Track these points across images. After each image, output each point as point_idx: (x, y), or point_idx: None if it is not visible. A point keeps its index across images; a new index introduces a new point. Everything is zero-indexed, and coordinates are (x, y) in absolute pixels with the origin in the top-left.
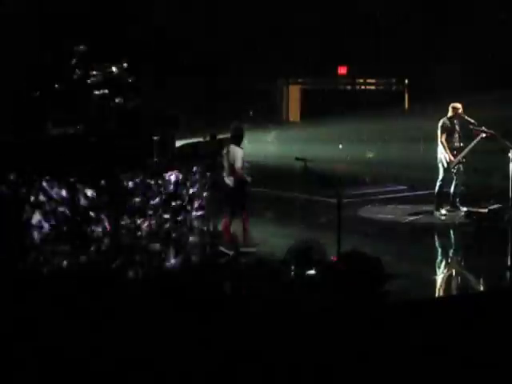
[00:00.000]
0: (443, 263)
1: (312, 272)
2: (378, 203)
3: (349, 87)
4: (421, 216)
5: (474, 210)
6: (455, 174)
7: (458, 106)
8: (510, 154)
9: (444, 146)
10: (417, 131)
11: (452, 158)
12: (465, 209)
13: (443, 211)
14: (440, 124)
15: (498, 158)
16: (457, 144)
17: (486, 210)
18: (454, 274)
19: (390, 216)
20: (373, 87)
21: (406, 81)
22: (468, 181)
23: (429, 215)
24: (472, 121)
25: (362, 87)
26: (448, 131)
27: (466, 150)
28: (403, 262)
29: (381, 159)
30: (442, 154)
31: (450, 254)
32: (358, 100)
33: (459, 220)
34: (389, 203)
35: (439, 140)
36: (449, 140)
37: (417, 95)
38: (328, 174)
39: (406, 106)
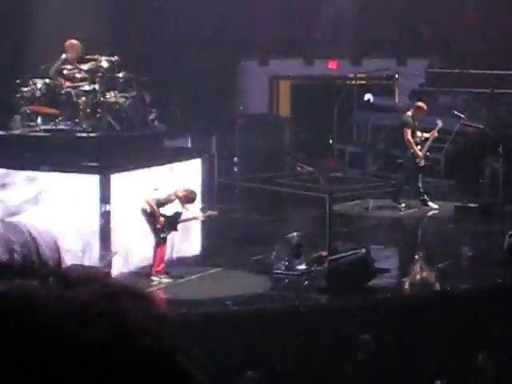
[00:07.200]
0: (430, 258)
1: (302, 267)
2: (368, 197)
3: (339, 82)
4: (412, 210)
5: (464, 205)
6: (420, 168)
7: (423, 105)
8: (499, 149)
9: (411, 142)
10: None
11: (420, 154)
12: (439, 203)
13: (402, 204)
14: (404, 121)
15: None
16: (417, 140)
17: (477, 205)
18: (440, 269)
19: (378, 210)
20: (363, 82)
21: (396, 75)
22: (458, 176)
23: (418, 209)
24: (462, 116)
25: (353, 82)
26: (412, 128)
27: (427, 144)
28: (392, 257)
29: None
30: (408, 150)
31: (437, 249)
32: (348, 94)
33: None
34: (378, 197)
35: (405, 137)
36: (412, 136)
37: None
38: (317, 169)
39: (397, 100)
